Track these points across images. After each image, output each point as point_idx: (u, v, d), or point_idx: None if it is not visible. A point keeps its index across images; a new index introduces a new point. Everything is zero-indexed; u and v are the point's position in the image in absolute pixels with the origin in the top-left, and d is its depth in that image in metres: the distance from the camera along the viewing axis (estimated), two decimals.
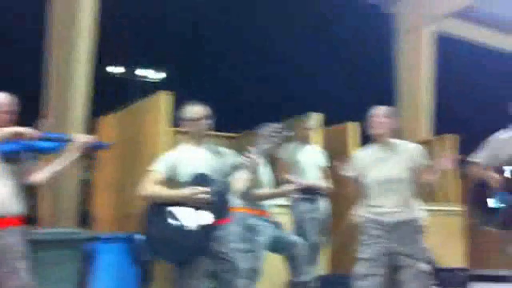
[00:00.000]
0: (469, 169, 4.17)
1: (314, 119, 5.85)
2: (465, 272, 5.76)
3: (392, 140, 3.91)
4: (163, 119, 6.31)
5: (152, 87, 14.25)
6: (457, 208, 8.23)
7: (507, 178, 3.89)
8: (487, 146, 4.12)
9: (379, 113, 3.90)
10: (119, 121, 7.23)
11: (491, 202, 4.00)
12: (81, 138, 3.26)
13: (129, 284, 5.91)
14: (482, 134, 4.21)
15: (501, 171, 3.95)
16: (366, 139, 7.10)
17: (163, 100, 6.32)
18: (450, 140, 8.93)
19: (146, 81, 17.21)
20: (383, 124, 3.87)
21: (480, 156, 4.11)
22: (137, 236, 5.54)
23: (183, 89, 6.30)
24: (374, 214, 3.74)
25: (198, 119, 3.76)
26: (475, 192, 4.18)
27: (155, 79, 17.43)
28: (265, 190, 4.45)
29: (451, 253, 7.47)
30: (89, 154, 7.28)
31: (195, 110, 3.79)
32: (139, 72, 17.25)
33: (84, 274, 5.87)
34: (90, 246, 5.94)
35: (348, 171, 3.92)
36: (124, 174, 6.77)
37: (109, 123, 7.33)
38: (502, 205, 3.91)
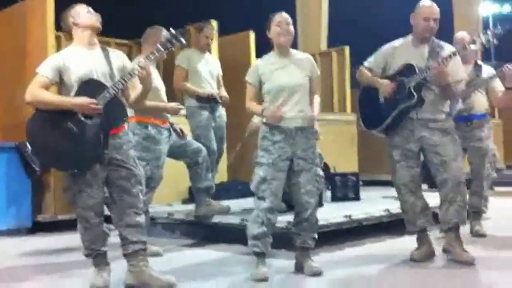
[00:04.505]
0: (359, 73, 4.23)
1: (213, 26, 5.64)
2: (356, 177, 6.02)
3: (291, 50, 3.89)
4: (49, 21, 5.94)
5: None
6: (351, 117, 8.57)
7: (395, 86, 3.98)
8: (379, 52, 4.18)
9: (285, 20, 3.82)
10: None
11: (377, 108, 4.10)
12: None
13: (20, 194, 5.70)
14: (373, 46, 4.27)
15: (392, 79, 4.02)
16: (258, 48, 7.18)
17: (47, 4, 5.93)
18: (343, 51, 9.16)
19: None
20: (289, 32, 3.82)
21: (370, 62, 4.18)
22: (27, 145, 5.28)
23: None
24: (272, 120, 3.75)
25: (91, 13, 3.49)
26: (363, 97, 4.28)
27: None
28: (152, 103, 4.31)
29: (345, 159, 7.84)
30: None
31: (85, 11, 3.52)
32: None
33: None
34: None
35: (249, 78, 3.86)
36: (10, 81, 6.35)
37: None
38: (388, 111, 4.02)
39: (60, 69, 3.37)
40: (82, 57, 3.43)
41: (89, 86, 3.35)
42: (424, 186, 4.44)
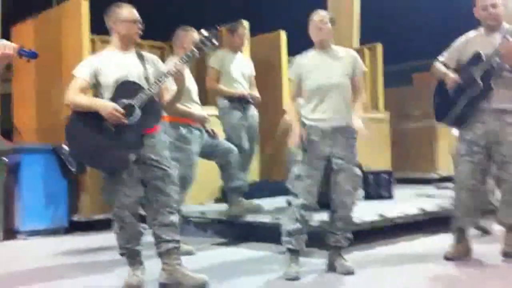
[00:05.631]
0: (432, 68, 4.13)
1: (245, 27, 5.65)
2: (390, 175, 5.96)
3: (332, 46, 3.86)
4: (85, 25, 6.04)
5: None
6: (384, 115, 8.50)
7: (459, 78, 3.88)
8: (452, 45, 4.08)
9: (321, 18, 3.81)
10: (36, 28, 6.83)
11: (447, 99, 3.98)
12: (7, 46, 2.80)
13: (57, 195, 5.82)
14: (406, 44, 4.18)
15: (462, 70, 3.92)
16: (293, 48, 7.14)
17: (83, 5, 6.02)
18: (379, 49, 9.06)
19: None
20: (325, 30, 3.79)
21: (444, 56, 4.09)
22: (64, 146, 5.38)
23: None
24: (311, 119, 3.75)
25: (130, 21, 3.52)
26: (437, 90, 4.13)
27: None
28: (182, 108, 4.35)
29: (378, 158, 7.76)
30: (9, 64, 6.95)
31: (127, 11, 3.54)
32: None
33: (9, 187, 5.73)
34: (14, 158, 5.76)
35: (291, 74, 3.87)
36: (47, 84, 6.49)
37: (24, 30, 6.92)
38: (459, 103, 3.91)
39: (97, 72, 3.42)
40: (118, 59, 3.47)
41: (126, 88, 3.40)
42: None
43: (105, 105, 3.33)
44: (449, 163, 5.60)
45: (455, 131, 4.27)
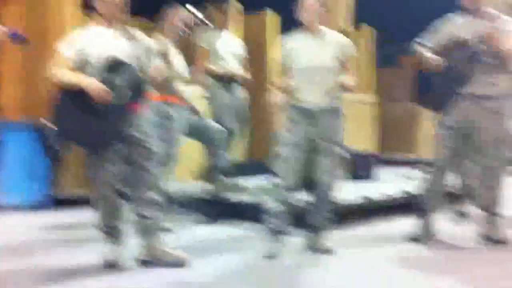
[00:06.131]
0: (415, 53, 4.05)
1: (234, 5, 5.60)
2: (377, 157, 6.00)
3: (322, 28, 3.82)
4: (70, 1, 5.97)
5: None
6: (371, 98, 8.51)
7: (441, 61, 3.86)
8: (434, 30, 4.03)
9: (310, 0, 3.73)
10: (22, 7, 6.73)
11: (430, 85, 3.97)
12: None
13: (40, 172, 5.80)
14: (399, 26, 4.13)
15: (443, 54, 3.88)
16: (284, 28, 7.10)
17: None
18: (368, 32, 9.03)
19: None
20: (315, 10, 3.73)
21: (426, 39, 4.02)
22: (45, 123, 5.33)
23: None
24: (297, 100, 3.73)
25: (110, 1, 3.44)
26: (419, 74, 4.06)
27: None
28: (172, 87, 4.34)
29: (366, 140, 7.80)
30: None
31: None
32: None
33: None
34: None
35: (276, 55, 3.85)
36: (32, 62, 6.41)
37: (11, 9, 6.81)
38: (440, 88, 3.89)
39: (81, 49, 3.37)
40: (104, 36, 3.43)
41: (112, 66, 3.36)
42: None
43: (91, 83, 3.28)
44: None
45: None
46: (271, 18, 7.34)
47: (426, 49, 3.99)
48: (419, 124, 8.62)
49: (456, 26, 3.92)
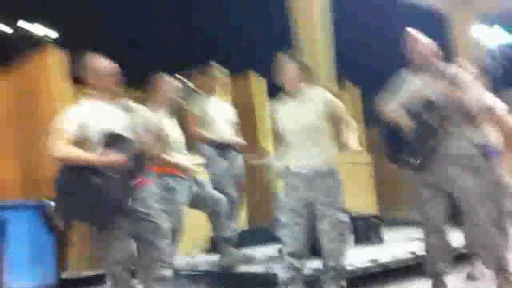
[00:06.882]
0: (380, 111, 4.06)
1: (218, 69, 5.49)
2: (378, 219, 5.99)
3: (303, 87, 3.83)
4: (62, 76, 6.02)
5: (38, 43, 13.39)
6: (365, 158, 8.56)
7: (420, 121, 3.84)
8: (394, 89, 4.04)
9: (282, 60, 3.78)
10: (9, 82, 6.79)
11: (403, 145, 3.94)
12: None
13: (45, 252, 5.72)
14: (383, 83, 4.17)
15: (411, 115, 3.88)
16: (270, 88, 7.13)
17: (56, 56, 6.04)
18: (353, 90, 9.14)
19: (32, 37, 15.84)
20: (292, 75, 3.78)
21: (389, 98, 4.02)
22: (48, 202, 5.32)
23: (73, 46, 5.94)
24: (291, 164, 3.75)
25: (104, 72, 3.52)
26: (389, 132, 4.09)
27: (40, 35, 16.07)
28: (168, 158, 4.35)
29: (363, 201, 7.80)
30: None
31: (103, 64, 3.55)
32: (23, 25, 15.80)
33: None
34: None
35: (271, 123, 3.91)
36: (26, 138, 6.43)
37: None
38: (417, 149, 3.86)
39: (82, 124, 3.41)
40: (103, 111, 3.48)
41: (114, 141, 3.41)
42: None
43: (106, 157, 3.32)
44: None
45: None
46: (256, 80, 7.40)
47: (391, 108, 3.99)
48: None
49: (415, 85, 3.92)
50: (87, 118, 3.44)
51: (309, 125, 3.73)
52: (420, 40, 3.89)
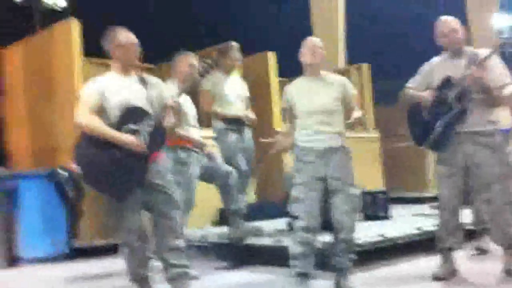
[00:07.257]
0: (403, 94, 4.20)
1: (236, 48, 5.57)
2: (385, 195, 6.02)
3: (321, 72, 3.95)
4: (76, 48, 6.03)
5: (57, 15, 13.47)
6: (374, 134, 8.59)
7: (434, 97, 3.95)
8: (419, 72, 4.18)
9: (315, 43, 3.90)
10: (26, 52, 6.83)
11: (424, 124, 4.03)
12: None
13: (57, 221, 5.79)
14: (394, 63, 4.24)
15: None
16: (283, 68, 7.19)
17: (74, 28, 6.04)
18: (365, 69, 9.17)
19: (51, 9, 16.03)
20: (318, 54, 3.88)
21: (413, 81, 4.17)
22: (60, 171, 5.36)
23: (90, 17, 5.93)
24: (305, 141, 3.81)
25: (127, 46, 3.54)
26: (411, 114, 4.19)
27: (59, 6, 16.23)
28: (181, 132, 4.43)
29: (371, 177, 7.83)
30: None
31: (124, 36, 3.56)
32: None
33: (8, 214, 5.69)
34: (10, 185, 5.72)
35: (282, 104, 3.95)
36: (39, 107, 6.47)
37: (14, 54, 6.92)
38: (436, 128, 3.94)
39: (102, 95, 3.43)
40: (121, 84, 3.50)
41: (131, 113, 3.43)
42: None
43: (125, 137, 3.35)
44: None
45: None
46: (272, 59, 7.42)
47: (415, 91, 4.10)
48: (423, 160, 8.69)
49: (441, 68, 4.01)
50: (106, 90, 3.45)
51: (326, 107, 3.82)
52: (455, 26, 3.96)
